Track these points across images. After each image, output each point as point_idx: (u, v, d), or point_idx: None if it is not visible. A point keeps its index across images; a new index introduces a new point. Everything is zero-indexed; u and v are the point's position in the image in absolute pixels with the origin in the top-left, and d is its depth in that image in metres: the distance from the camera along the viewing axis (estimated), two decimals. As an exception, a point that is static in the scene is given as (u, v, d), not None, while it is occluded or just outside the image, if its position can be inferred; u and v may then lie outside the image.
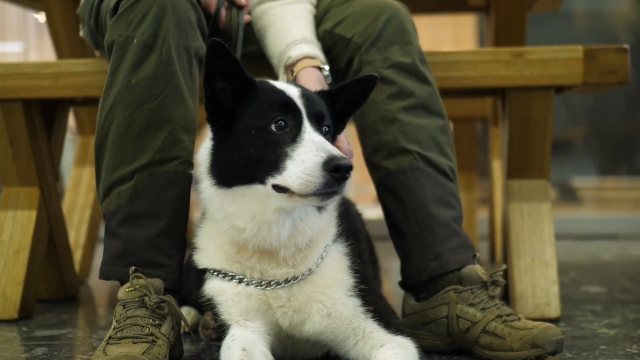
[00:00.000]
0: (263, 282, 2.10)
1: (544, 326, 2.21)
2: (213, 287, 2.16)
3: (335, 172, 1.89)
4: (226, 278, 2.14)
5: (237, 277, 2.12)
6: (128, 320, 2.16)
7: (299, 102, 2.04)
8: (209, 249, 2.18)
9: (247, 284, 2.11)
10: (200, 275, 2.23)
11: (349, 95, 2.20)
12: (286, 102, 2.03)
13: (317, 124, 2.04)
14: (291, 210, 2.04)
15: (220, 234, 2.14)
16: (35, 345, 2.55)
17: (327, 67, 2.50)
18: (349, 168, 1.89)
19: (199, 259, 2.20)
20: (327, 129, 2.09)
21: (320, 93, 2.18)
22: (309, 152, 1.93)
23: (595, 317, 2.86)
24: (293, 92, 2.06)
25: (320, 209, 2.10)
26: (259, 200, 2.02)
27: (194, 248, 2.23)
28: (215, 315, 2.18)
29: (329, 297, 2.10)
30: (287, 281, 2.10)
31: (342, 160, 1.89)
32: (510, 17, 3.88)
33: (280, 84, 2.11)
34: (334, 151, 1.92)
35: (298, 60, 2.49)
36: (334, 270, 2.13)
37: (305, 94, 2.08)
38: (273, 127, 1.99)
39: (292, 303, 2.10)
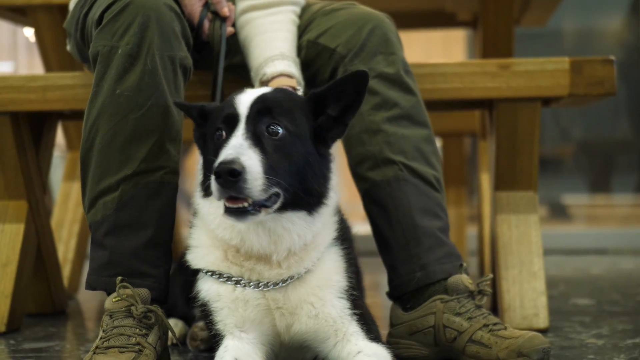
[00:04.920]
0: (260, 284, 2.09)
1: (530, 335, 2.21)
2: (209, 290, 2.13)
3: (217, 178, 1.86)
4: (221, 279, 2.11)
5: (233, 278, 2.10)
6: (115, 330, 2.15)
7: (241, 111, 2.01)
8: (204, 248, 2.16)
9: (245, 286, 2.09)
10: (194, 275, 2.21)
11: (340, 96, 2.10)
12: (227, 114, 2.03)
13: (255, 126, 1.99)
14: (263, 221, 2.01)
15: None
16: (23, 357, 2.54)
17: (299, 87, 2.51)
18: (223, 172, 1.84)
19: (194, 258, 2.17)
20: (274, 128, 2.00)
21: (310, 95, 2.13)
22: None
23: (584, 328, 2.86)
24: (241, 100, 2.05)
25: (311, 212, 2.06)
26: None
27: (187, 248, 2.20)
28: (210, 323, 2.15)
29: (319, 299, 2.10)
30: (284, 281, 2.08)
31: (220, 165, 1.84)
32: (498, 31, 3.91)
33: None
34: (222, 156, 1.89)
35: (273, 78, 2.50)
36: (329, 271, 2.13)
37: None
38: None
39: (287, 305, 2.09)
